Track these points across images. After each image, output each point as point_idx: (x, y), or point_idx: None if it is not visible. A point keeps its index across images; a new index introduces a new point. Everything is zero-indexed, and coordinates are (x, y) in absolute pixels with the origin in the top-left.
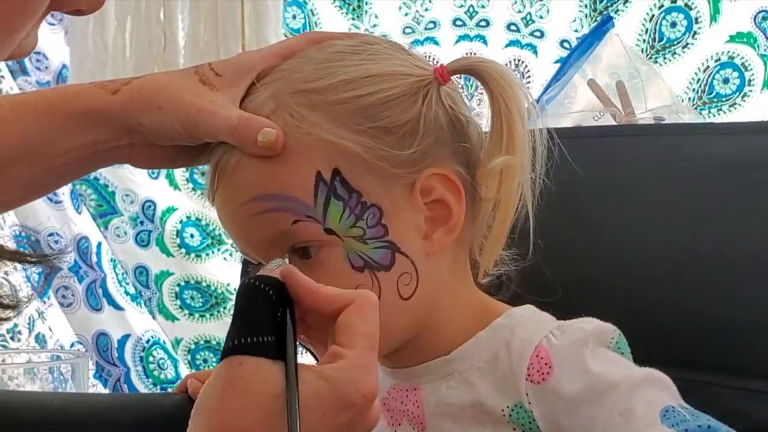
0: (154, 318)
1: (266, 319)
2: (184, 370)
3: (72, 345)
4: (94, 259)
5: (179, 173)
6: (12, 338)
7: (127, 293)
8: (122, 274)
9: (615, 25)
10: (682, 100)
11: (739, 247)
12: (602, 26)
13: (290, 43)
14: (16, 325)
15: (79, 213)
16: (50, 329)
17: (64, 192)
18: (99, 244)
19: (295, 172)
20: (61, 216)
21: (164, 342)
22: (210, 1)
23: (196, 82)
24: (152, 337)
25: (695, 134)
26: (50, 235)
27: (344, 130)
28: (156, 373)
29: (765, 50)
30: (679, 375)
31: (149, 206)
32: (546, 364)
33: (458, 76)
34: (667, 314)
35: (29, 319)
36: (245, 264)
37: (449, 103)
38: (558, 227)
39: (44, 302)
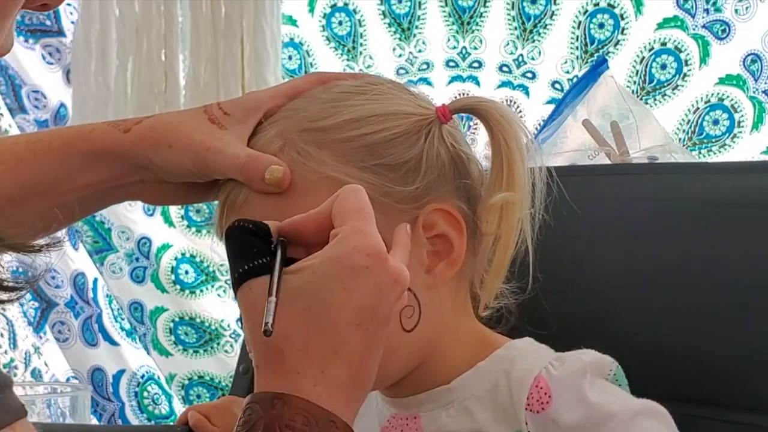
0: (148, 353)
1: (255, 244)
2: (179, 406)
3: (68, 380)
4: (90, 294)
5: (174, 211)
6: (8, 372)
7: (122, 329)
8: (118, 309)
9: (609, 67)
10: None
11: (731, 284)
12: (597, 68)
13: (297, 82)
14: (12, 360)
15: (76, 249)
16: (46, 364)
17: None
18: (95, 280)
19: (302, 209)
20: (58, 252)
21: (159, 377)
22: (211, 42)
23: (206, 121)
24: (147, 372)
25: (688, 173)
26: (47, 270)
27: (349, 167)
28: (150, 408)
29: (754, 92)
30: (672, 408)
31: (144, 243)
32: (545, 393)
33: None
34: (661, 348)
35: (25, 354)
36: None
37: (451, 141)
38: (556, 262)
39: (40, 337)
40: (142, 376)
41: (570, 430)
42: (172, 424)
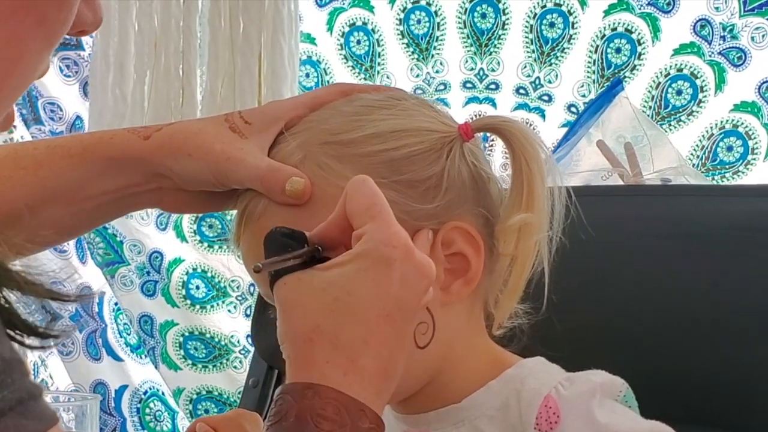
0: (156, 367)
1: (290, 244)
2: (183, 422)
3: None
4: (96, 309)
5: (187, 225)
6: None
7: (127, 344)
8: (124, 324)
9: (624, 88)
10: None
11: (743, 306)
12: (612, 89)
13: (319, 93)
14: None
15: (84, 263)
16: (51, 377)
17: (69, 242)
18: (101, 294)
19: (321, 221)
20: (66, 265)
21: (163, 393)
22: (228, 58)
23: (226, 130)
24: (150, 388)
25: (701, 196)
26: (53, 283)
27: None
28: (152, 424)
29: None
30: (684, 430)
31: (156, 257)
32: (554, 413)
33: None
34: (672, 369)
35: (33, 365)
36: (257, 312)
37: (472, 160)
38: (568, 282)
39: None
40: (145, 392)
41: None
42: None
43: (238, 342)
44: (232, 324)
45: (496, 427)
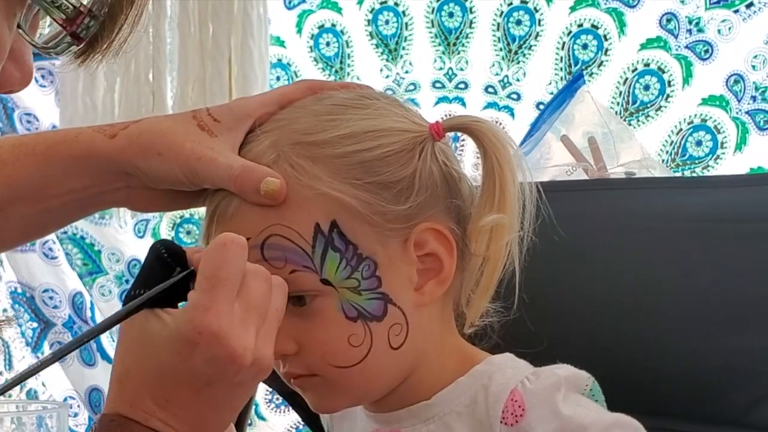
0: None
1: (153, 274)
2: None
3: (65, 400)
4: (89, 314)
5: (165, 232)
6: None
7: None
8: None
9: (586, 82)
10: None
11: (705, 297)
12: (573, 83)
13: (287, 90)
14: (7, 381)
15: (74, 269)
16: (43, 384)
17: (59, 249)
18: (92, 302)
19: (294, 222)
20: (56, 272)
21: None
22: (198, 63)
23: (195, 128)
24: None
25: (665, 188)
26: (45, 291)
27: (343, 184)
28: None
29: (737, 113)
30: (651, 423)
31: (135, 265)
32: (519, 406)
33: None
34: (637, 363)
35: None
36: None
37: (443, 159)
38: (535, 279)
39: (38, 357)
40: None
41: None
42: None
43: None
44: None
45: (464, 423)
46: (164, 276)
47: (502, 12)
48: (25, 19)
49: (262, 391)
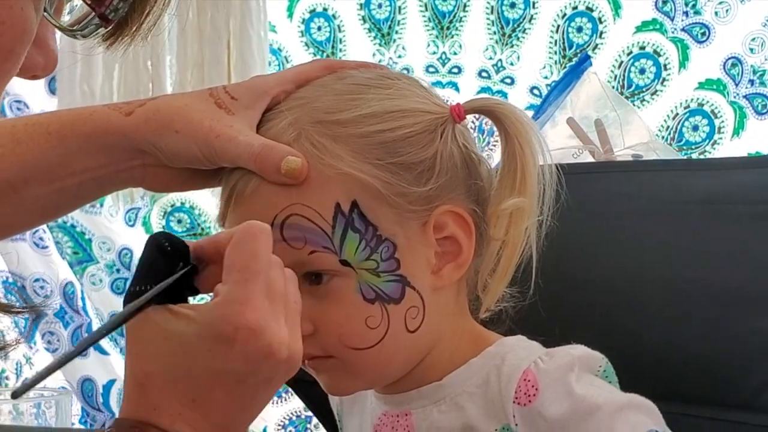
0: None
1: (156, 268)
2: None
3: (58, 389)
4: (80, 303)
5: (155, 221)
6: None
7: (112, 338)
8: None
9: (592, 64)
10: None
11: (715, 280)
12: (580, 65)
13: (304, 68)
14: (3, 371)
15: (65, 258)
16: None
17: (49, 237)
18: (83, 291)
19: (315, 202)
20: (47, 261)
21: None
22: (197, 48)
23: (212, 105)
24: None
25: (674, 170)
26: (36, 280)
27: (365, 164)
28: None
29: (735, 97)
30: (660, 407)
31: (126, 254)
32: (533, 386)
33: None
34: (644, 346)
35: (17, 364)
36: None
37: (463, 142)
38: (546, 263)
39: (31, 347)
40: None
41: (556, 422)
42: None
43: None
44: None
45: (476, 404)
46: (168, 270)
47: None
48: (50, 2)
49: None
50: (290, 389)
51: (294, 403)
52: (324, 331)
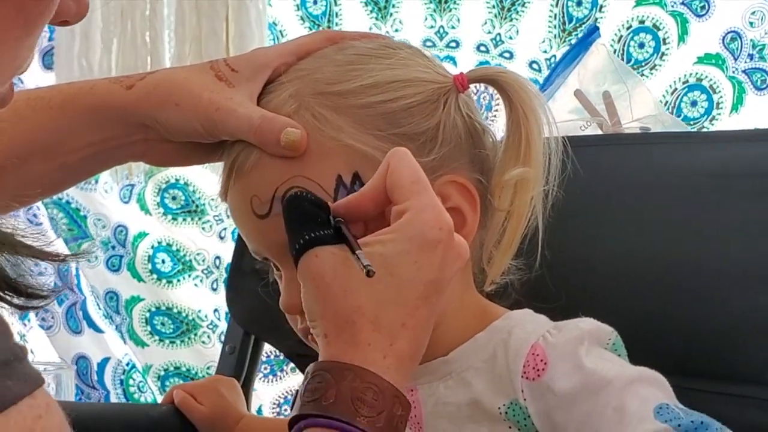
0: (125, 343)
1: (319, 215)
2: (159, 396)
3: None
4: (74, 281)
5: (150, 198)
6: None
7: (106, 316)
8: (98, 298)
9: (600, 35)
10: None
11: (723, 254)
12: (588, 36)
13: (305, 40)
14: None
15: (59, 235)
16: (32, 351)
17: (44, 214)
18: (78, 267)
19: (316, 174)
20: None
21: (140, 368)
22: (195, 22)
23: (213, 78)
24: (131, 360)
25: (683, 143)
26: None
27: (366, 135)
28: (136, 396)
29: (734, 72)
30: (669, 382)
31: (121, 231)
32: (541, 360)
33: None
34: (651, 321)
35: None
36: (231, 278)
37: (466, 111)
38: (552, 236)
39: (25, 324)
40: (127, 364)
41: (565, 396)
42: (157, 403)
43: (206, 317)
44: (199, 299)
45: (483, 379)
46: (322, 218)
47: None
48: None
49: None
50: (284, 368)
51: (288, 382)
52: None
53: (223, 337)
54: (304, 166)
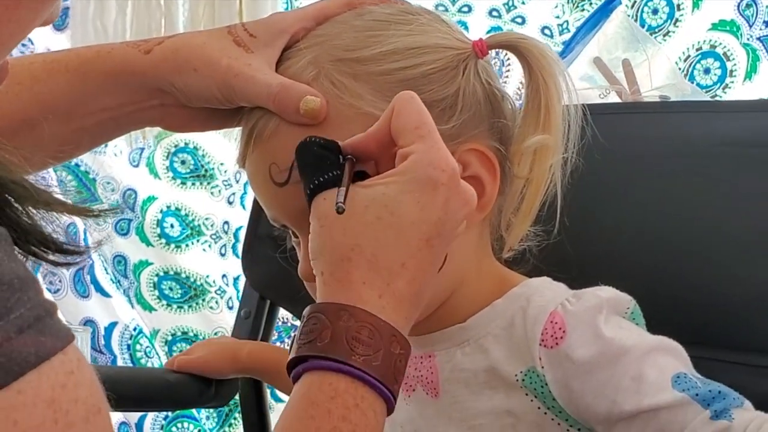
0: (133, 308)
1: (329, 158)
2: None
3: None
4: (82, 244)
5: (160, 162)
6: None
7: (113, 280)
8: (106, 261)
9: (622, 2)
10: None
11: (742, 224)
12: (609, 3)
13: (324, 5)
14: None
15: (68, 198)
16: None
17: (53, 178)
18: (86, 230)
19: None
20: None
21: (147, 332)
22: None
23: (231, 44)
24: (138, 325)
25: (701, 112)
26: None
27: (386, 102)
28: (143, 361)
29: (748, 39)
30: (687, 352)
31: (130, 194)
32: (560, 329)
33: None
34: (669, 291)
35: None
36: (247, 242)
37: (486, 78)
38: (570, 204)
39: None
40: (135, 329)
41: (584, 365)
42: (162, 368)
43: (214, 282)
44: (207, 264)
45: (501, 346)
46: (332, 160)
47: None
48: None
49: None
50: (293, 335)
51: None
52: None
53: (230, 303)
54: (323, 133)
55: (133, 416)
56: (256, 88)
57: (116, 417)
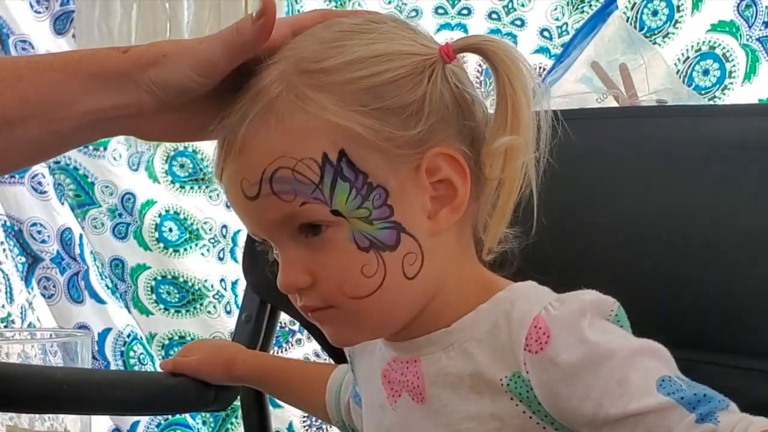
0: (129, 312)
1: None
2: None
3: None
4: (77, 250)
5: (159, 166)
6: (6, 327)
7: (108, 287)
8: (102, 266)
9: (618, 7)
10: None
11: (736, 228)
12: (606, 8)
13: (300, 17)
14: (9, 314)
15: (63, 204)
16: (38, 320)
17: (48, 183)
18: (81, 236)
19: (303, 154)
20: (45, 206)
21: (142, 338)
22: None
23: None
24: (133, 331)
25: (697, 116)
26: (33, 225)
27: (349, 111)
28: (137, 368)
29: (747, 40)
30: (675, 354)
31: (128, 198)
32: (544, 333)
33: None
34: (663, 293)
35: (21, 308)
36: (247, 247)
37: (455, 82)
38: (561, 206)
39: (29, 292)
40: (128, 335)
41: (569, 369)
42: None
43: (212, 287)
44: (205, 268)
45: (485, 350)
46: None
47: None
48: None
49: None
50: (290, 340)
51: (294, 353)
52: (322, 282)
53: (228, 307)
54: (290, 146)
55: (126, 423)
56: (221, 42)
57: (108, 423)
